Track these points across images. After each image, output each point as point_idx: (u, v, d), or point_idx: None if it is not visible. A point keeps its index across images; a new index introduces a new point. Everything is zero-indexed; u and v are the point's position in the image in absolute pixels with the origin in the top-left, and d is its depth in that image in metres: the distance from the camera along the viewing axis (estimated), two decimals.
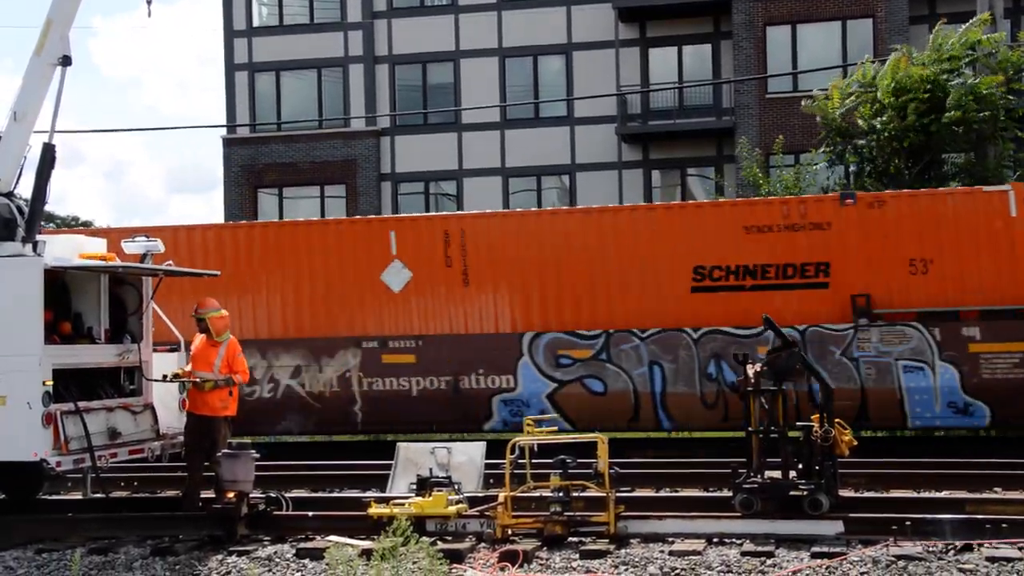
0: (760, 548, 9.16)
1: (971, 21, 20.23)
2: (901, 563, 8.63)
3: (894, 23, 28.99)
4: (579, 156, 31.95)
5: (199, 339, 11.56)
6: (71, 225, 49.58)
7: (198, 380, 11.31)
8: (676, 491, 12.25)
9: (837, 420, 10.02)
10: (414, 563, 8.60)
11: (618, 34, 31.54)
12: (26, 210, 10.90)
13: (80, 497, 12.30)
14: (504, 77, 32.49)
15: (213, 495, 10.85)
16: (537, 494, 10.09)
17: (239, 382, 11.55)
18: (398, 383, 16.61)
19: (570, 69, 32.09)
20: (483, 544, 9.69)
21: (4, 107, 15.14)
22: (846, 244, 15.62)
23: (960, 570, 8.44)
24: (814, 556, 8.90)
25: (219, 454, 10.53)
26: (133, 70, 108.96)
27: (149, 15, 14.73)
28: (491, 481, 12.05)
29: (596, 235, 16.39)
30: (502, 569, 8.92)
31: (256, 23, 33.96)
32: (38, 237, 10.77)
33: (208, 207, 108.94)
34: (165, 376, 11.69)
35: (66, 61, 11.19)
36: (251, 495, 10.51)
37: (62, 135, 21.83)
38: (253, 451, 10.50)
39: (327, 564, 8.95)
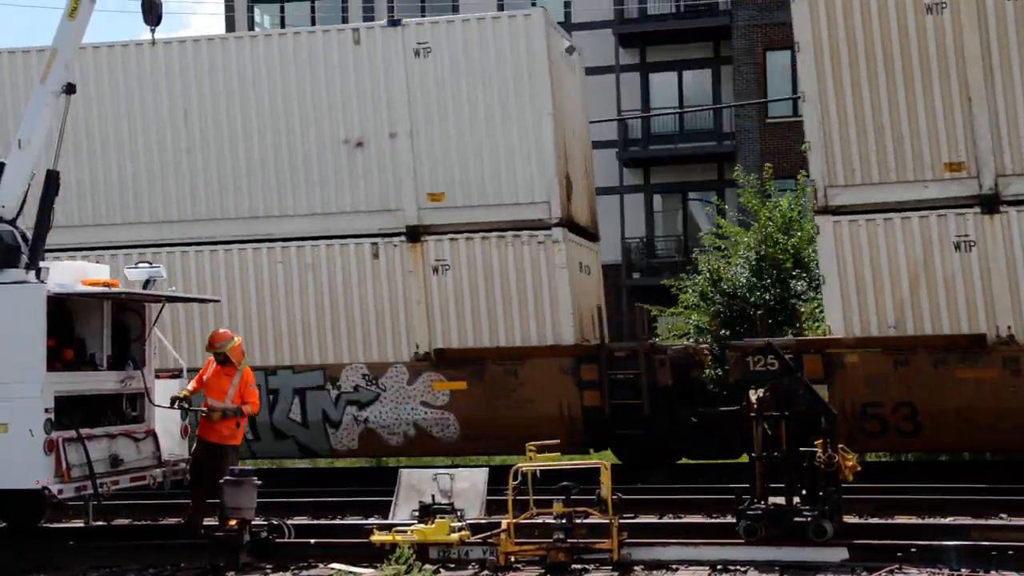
0: (764, 575, 9.11)
1: None
2: None
3: None
4: None
5: (212, 367, 11.57)
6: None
7: (206, 410, 11.34)
8: (679, 517, 12.20)
9: (841, 446, 9.99)
10: None
11: (618, 59, 31.68)
12: (30, 237, 10.94)
13: (82, 525, 12.25)
14: None
15: (216, 522, 10.83)
16: (540, 521, 10.06)
17: (248, 413, 11.57)
18: None
19: None
20: (486, 571, 9.66)
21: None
22: None
23: None
24: None
25: (222, 481, 10.51)
26: None
27: (153, 43, 14.83)
28: (494, 507, 12.01)
29: None
30: None
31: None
32: (41, 264, 10.80)
33: None
34: (173, 402, 11.67)
35: (70, 89, 11.28)
36: (253, 522, 10.49)
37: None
38: (255, 478, 10.49)
39: None
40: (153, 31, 12.00)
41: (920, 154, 14.46)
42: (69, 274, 11.38)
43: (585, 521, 10.08)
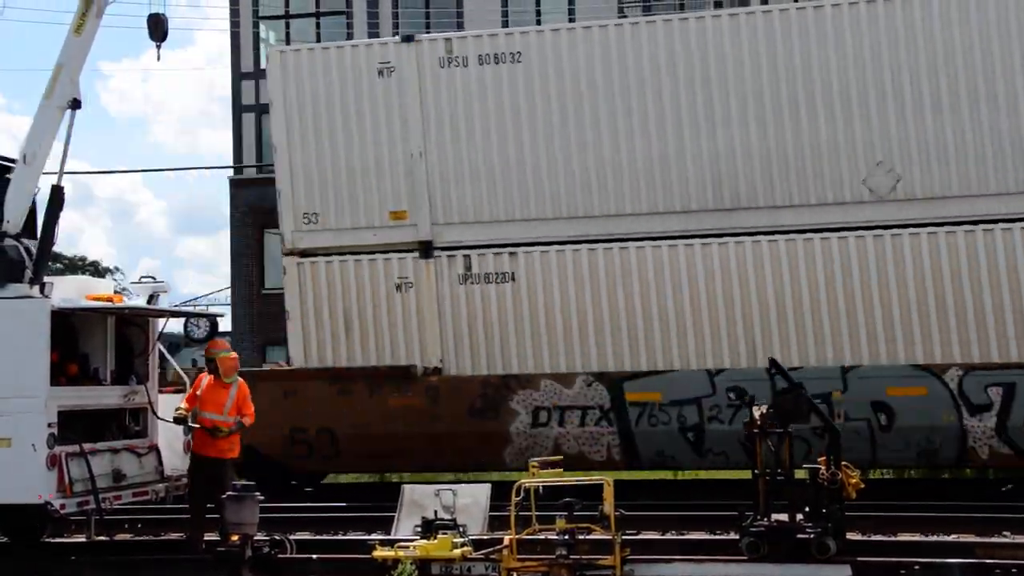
0: None
1: None
2: None
3: None
4: None
5: (206, 380, 11.60)
6: (79, 266, 49.31)
7: (214, 426, 11.34)
8: (683, 534, 12.17)
9: (844, 463, 9.98)
10: None
11: None
12: (34, 251, 10.97)
13: (84, 540, 12.24)
14: None
15: (217, 538, 10.82)
16: (543, 537, 10.04)
17: (247, 425, 11.59)
18: None
19: None
20: None
21: (12, 147, 15.32)
22: None
23: None
24: None
25: (224, 496, 10.51)
26: (141, 112, 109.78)
27: (159, 59, 14.91)
28: (496, 523, 11.98)
29: None
30: None
31: (263, 65, 34.14)
32: (45, 279, 10.83)
33: (215, 248, 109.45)
34: (177, 419, 11.65)
35: (76, 104, 11.31)
36: (255, 538, 10.48)
37: (73, 175, 21.91)
38: (258, 493, 10.49)
39: None
40: (159, 47, 12.06)
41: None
42: (73, 289, 11.42)
43: (588, 537, 10.05)
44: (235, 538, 10.30)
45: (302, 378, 15.70)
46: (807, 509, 9.89)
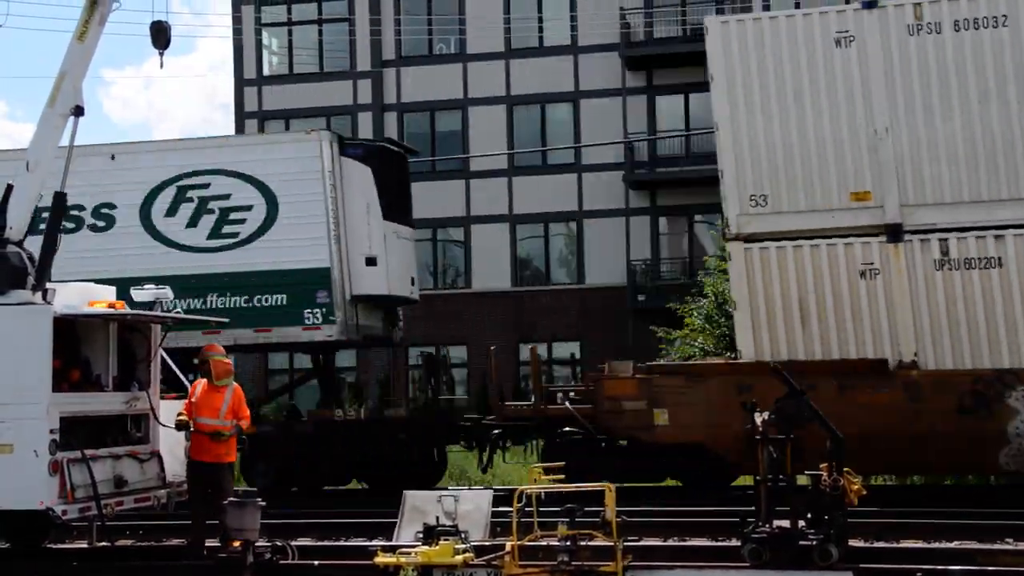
0: None
1: None
2: None
3: None
4: (586, 203, 32.12)
5: (201, 384, 11.59)
6: None
7: (214, 430, 11.34)
8: (684, 540, 12.15)
9: (846, 469, 9.97)
10: None
11: (625, 82, 31.85)
12: (36, 258, 10.99)
13: (86, 546, 12.24)
14: (512, 125, 32.74)
15: (218, 543, 10.82)
16: (544, 543, 10.03)
17: (245, 428, 11.60)
18: None
19: (577, 117, 32.34)
20: None
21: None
22: None
23: None
24: None
25: (226, 502, 10.51)
26: (144, 118, 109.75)
27: (161, 66, 14.95)
28: (498, 530, 11.98)
29: None
30: None
31: (266, 72, 34.35)
32: (48, 285, 10.84)
33: None
34: (179, 425, 11.64)
35: (78, 111, 11.32)
36: (257, 543, 10.48)
37: None
38: (259, 499, 10.49)
39: None
40: (162, 54, 12.07)
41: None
42: (75, 295, 11.43)
43: (589, 543, 10.04)
44: (237, 544, 10.31)
45: (759, 372, 13.94)
46: (809, 516, 9.88)
